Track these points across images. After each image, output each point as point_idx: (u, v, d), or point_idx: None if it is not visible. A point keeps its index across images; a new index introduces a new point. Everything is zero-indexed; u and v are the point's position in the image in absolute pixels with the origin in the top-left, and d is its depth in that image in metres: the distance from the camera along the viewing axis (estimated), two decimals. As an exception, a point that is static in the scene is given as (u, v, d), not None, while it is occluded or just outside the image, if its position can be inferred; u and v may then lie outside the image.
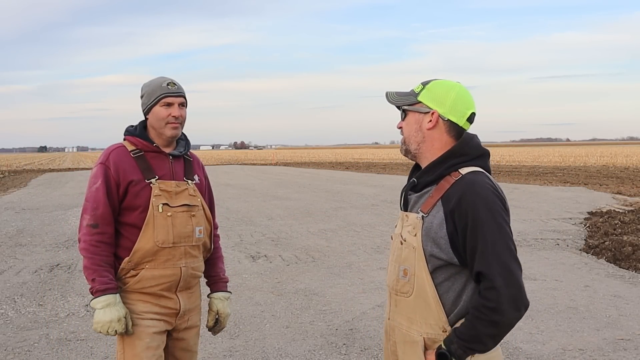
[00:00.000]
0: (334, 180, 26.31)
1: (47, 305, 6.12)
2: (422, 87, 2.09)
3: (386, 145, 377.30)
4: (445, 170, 2.00)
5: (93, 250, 2.54)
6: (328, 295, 6.40)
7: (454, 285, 1.96)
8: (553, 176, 26.51)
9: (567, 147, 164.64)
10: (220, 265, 2.96)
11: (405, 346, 2.04)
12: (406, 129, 2.11)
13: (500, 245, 1.87)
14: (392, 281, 2.09)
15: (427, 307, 1.97)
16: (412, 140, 2.09)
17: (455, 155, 2.01)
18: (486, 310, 1.85)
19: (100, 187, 2.58)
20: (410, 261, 1.99)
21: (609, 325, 5.27)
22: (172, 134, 2.67)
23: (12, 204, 17.18)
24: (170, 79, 2.69)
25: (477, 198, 1.89)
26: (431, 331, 1.98)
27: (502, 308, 1.83)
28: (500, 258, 1.86)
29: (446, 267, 1.95)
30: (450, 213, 1.92)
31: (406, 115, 2.11)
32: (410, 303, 2.01)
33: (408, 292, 2.02)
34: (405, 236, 2.02)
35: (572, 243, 9.36)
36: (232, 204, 15.90)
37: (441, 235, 1.92)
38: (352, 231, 10.80)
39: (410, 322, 2.02)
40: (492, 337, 1.89)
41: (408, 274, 2.01)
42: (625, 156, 53.31)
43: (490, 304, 1.84)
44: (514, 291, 1.85)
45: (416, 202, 2.05)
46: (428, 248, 1.95)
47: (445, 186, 1.97)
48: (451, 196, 1.93)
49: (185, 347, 2.77)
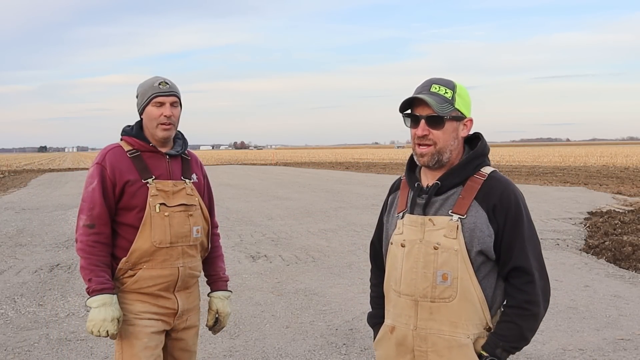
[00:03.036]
0: (334, 180, 26.31)
1: (47, 305, 6.12)
2: (453, 93, 2.01)
3: (386, 145, 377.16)
4: (471, 170, 2.01)
5: (89, 250, 2.54)
6: (328, 295, 6.40)
7: (490, 281, 1.99)
8: (553, 176, 26.51)
9: (567, 147, 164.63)
10: (220, 264, 2.95)
11: (451, 352, 1.97)
12: (443, 138, 1.99)
13: (534, 240, 1.98)
14: (422, 289, 1.99)
15: (473, 307, 1.96)
16: (447, 149, 2.01)
17: (479, 155, 2.04)
18: (528, 305, 1.93)
19: (97, 187, 2.58)
20: (451, 265, 1.95)
21: (609, 325, 5.26)
22: (163, 135, 2.65)
23: (12, 204, 17.18)
24: (163, 78, 2.68)
25: (515, 196, 1.97)
26: (477, 331, 1.98)
27: (540, 300, 1.95)
28: (535, 253, 1.97)
29: (485, 265, 1.97)
30: (492, 211, 1.95)
31: (443, 124, 1.99)
32: (454, 307, 1.96)
33: (450, 296, 1.96)
34: (440, 240, 1.96)
35: (572, 243, 9.36)
36: (232, 204, 15.90)
37: (488, 234, 1.95)
38: (352, 231, 10.80)
39: (455, 327, 1.97)
40: (533, 331, 1.97)
41: (449, 278, 1.95)
42: (625, 156, 53.29)
43: (532, 297, 1.93)
44: (545, 283, 1.98)
45: (442, 204, 2.00)
46: (474, 248, 1.94)
47: (474, 186, 1.97)
48: (488, 195, 1.96)
49: (184, 347, 2.77)
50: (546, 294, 1.97)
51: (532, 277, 1.94)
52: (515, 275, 1.95)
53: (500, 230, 1.95)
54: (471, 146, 2.11)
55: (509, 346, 1.93)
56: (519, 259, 1.94)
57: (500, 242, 1.95)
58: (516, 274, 1.95)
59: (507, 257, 1.95)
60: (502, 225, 1.94)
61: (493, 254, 1.96)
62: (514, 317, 1.93)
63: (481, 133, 2.09)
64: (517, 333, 1.93)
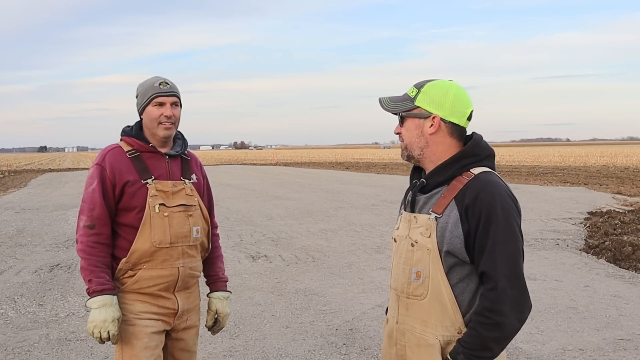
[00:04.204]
0: (334, 180, 26.30)
1: (47, 305, 6.12)
2: (417, 91, 2.02)
3: (386, 145, 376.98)
4: (457, 170, 1.97)
5: (90, 251, 2.54)
6: (328, 295, 6.40)
7: (468, 286, 1.93)
8: (553, 176, 26.50)
9: (567, 147, 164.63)
10: (219, 265, 2.95)
11: (419, 350, 1.98)
12: (406, 135, 2.05)
13: (509, 247, 1.85)
14: (401, 284, 2.03)
15: (443, 308, 1.93)
16: (414, 147, 2.04)
17: (467, 155, 1.98)
18: (489, 313, 1.83)
19: (97, 188, 2.58)
20: (424, 263, 1.95)
21: (609, 325, 5.26)
22: (164, 134, 2.66)
23: (12, 204, 17.17)
24: (163, 78, 2.68)
25: (491, 198, 1.88)
26: (447, 333, 1.94)
27: (504, 309, 1.81)
28: (508, 260, 1.84)
29: (461, 268, 1.92)
30: (465, 212, 1.89)
31: (404, 121, 2.05)
32: (425, 306, 1.96)
33: (422, 294, 1.97)
34: (417, 238, 1.97)
35: (572, 243, 9.36)
36: (232, 204, 15.90)
37: (456, 235, 1.89)
38: (352, 231, 10.80)
39: (425, 325, 1.97)
40: (498, 342, 1.86)
41: (422, 276, 1.96)
42: (625, 156, 53.29)
43: (492, 305, 1.82)
44: (517, 293, 1.83)
45: (425, 203, 2.00)
46: (444, 248, 1.91)
47: (457, 186, 1.94)
48: (465, 195, 1.90)
49: (184, 347, 2.77)
50: (518, 304, 1.83)
51: (495, 284, 1.82)
52: (483, 281, 1.88)
53: (472, 232, 1.88)
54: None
55: (470, 354, 1.85)
56: (485, 264, 1.85)
57: (472, 245, 1.88)
58: (483, 280, 1.87)
59: (477, 262, 1.88)
60: (474, 227, 1.87)
61: (465, 256, 1.90)
62: (475, 324, 1.86)
63: (477, 133, 2.06)
64: (478, 342, 1.84)
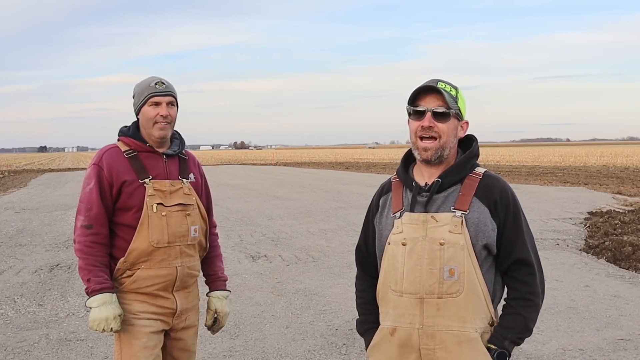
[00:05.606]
0: (334, 180, 26.30)
1: (47, 305, 6.12)
2: (457, 92, 2.09)
3: (386, 145, 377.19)
4: (468, 169, 2.09)
5: (87, 251, 2.54)
6: (328, 295, 6.40)
7: (489, 277, 2.05)
8: (553, 176, 26.50)
9: (567, 147, 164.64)
10: (218, 264, 2.95)
11: (461, 347, 1.98)
12: (447, 132, 2.05)
13: (530, 234, 2.09)
14: (429, 285, 1.99)
15: (479, 301, 2.00)
16: (447, 146, 2.07)
17: (474, 156, 2.12)
18: (532, 296, 2.02)
19: (94, 188, 2.58)
20: (457, 260, 1.98)
21: (609, 325, 5.26)
22: (159, 134, 2.65)
23: (12, 204, 17.18)
24: (159, 78, 2.68)
25: (511, 192, 2.08)
26: (482, 325, 2.02)
27: (539, 291, 2.04)
28: (533, 246, 2.07)
29: (486, 260, 2.03)
30: (493, 206, 2.02)
31: (446, 119, 2.05)
32: (461, 302, 1.99)
33: (457, 291, 1.98)
34: (445, 236, 1.99)
35: (572, 243, 9.36)
36: (232, 204, 15.90)
37: (492, 228, 2.01)
38: (352, 231, 10.79)
39: (463, 322, 1.99)
40: (534, 322, 2.05)
41: (456, 273, 1.98)
42: (625, 156, 53.28)
43: (534, 288, 2.02)
44: (542, 276, 2.08)
45: (443, 201, 2.04)
46: (479, 242, 2.00)
47: (472, 184, 2.04)
48: (487, 192, 2.03)
49: (183, 347, 2.77)
50: (543, 285, 2.07)
51: (533, 268, 2.03)
52: (517, 268, 2.04)
53: (501, 225, 2.02)
54: (462, 148, 2.17)
55: (515, 337, 2.00)
56: (521, 252, 2.02)
57: (501, 236, 2.02)
58: (518, 267, 2.03)
59: (509, 251, 2.03)
60: (503, 220, 2.03)
61: (495, 248, 2.02)
62: (519, 308, 2.01)
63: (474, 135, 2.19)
64: (522, 324, 2.00)
